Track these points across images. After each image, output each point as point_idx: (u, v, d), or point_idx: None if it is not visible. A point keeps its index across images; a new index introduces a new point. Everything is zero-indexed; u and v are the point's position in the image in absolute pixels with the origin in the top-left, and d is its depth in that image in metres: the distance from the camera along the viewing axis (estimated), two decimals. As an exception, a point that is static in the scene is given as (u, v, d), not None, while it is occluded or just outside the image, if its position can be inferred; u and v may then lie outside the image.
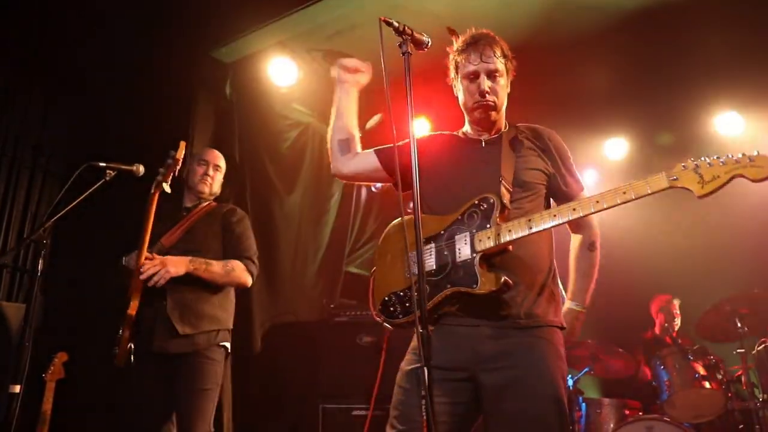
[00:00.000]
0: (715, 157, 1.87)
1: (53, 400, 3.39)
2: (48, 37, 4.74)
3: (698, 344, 4.79)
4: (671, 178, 1.89)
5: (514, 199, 2.22)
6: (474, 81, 2.33)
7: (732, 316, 4.51)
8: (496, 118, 2.39)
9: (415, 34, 2.04)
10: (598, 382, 5.82)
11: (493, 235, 2.08)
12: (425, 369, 1.66)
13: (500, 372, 2.06)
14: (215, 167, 3.61)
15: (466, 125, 2.48)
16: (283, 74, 5.19)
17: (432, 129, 5.64)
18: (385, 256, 2.36)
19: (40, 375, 3.37)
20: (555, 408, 2.04)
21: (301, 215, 5.73)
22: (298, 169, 5.75)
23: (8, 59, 4.57)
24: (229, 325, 3.39)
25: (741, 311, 4.51)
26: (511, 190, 2.22)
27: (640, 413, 4.64)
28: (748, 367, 4.42)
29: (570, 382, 4.59)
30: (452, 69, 2.44)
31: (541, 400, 2.04)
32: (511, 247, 2.10)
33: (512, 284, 2.04)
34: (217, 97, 5.19)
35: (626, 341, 5.19)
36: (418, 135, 2.31)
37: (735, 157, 1.84)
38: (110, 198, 3.39)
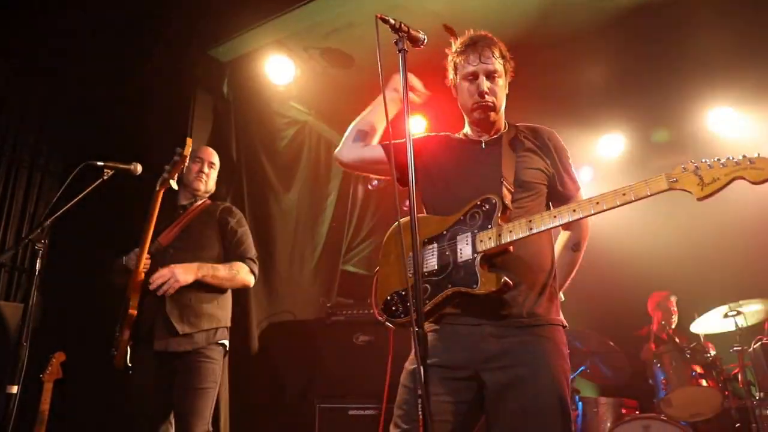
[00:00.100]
0: (716, 159, 1.86)
1: (51, 400, 3.40)
2: (46, 37, 4.73)
3: (695, 342, 4.79)
4: (671, 180, 1.88)
5: (515, 199, 2.22)
6: (473, 82, 2.33)
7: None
8: (496, 119, 2.39)
9: (411, 32, 2.04)
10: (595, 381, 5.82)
11: (494, 235, 2.08)
12: (421, 368, 1.67)
13: (503, 371, 2.06)
14: (210, 164, 3.61)
15: (466, 126, 2.49)
16: (281, 72, 5.19)
17: (428, 126, 5.64)
18: (388, 256, 2.36)
19: (37, 375, 3.38)
20: (558, 406, 2.04)
21: (298, 213, 5.74)
22: (296, 167, 5.76)
23: (7, 59, 4.56)
24: (228, 323, 3.39)
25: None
26: (513, 191, 2.23)
27: (637, 412, 4.66)
28: (745, 365, 4.41)
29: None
30: (451, 70, 2.44)
31: (544, 399, 2.04)
32: (512, 248, 2.11)
33: (512, 285, 2.05)
34: (215, 96, 5.19)
35: (623, 338, 5.20)
36: (417, 133, 2.31)
37: (735, 159, 1.83)
38: (108, 197, 3.39)
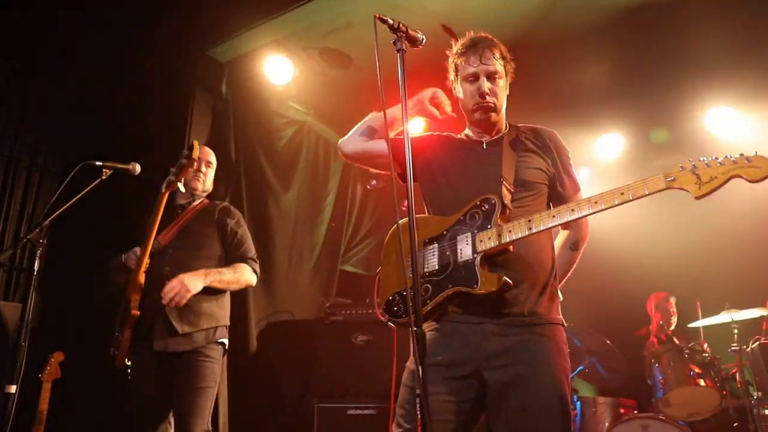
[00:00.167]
0: (713, 157, 1.86)
1: (49, 400, 3.40)
2: (45, 37, 4.73)
3: (693, 342, 4.79)
4: (668, 179, 1.89)
5: (515, 198, 2.23)
6: (474, 83, 2.35)
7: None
8: (496, 120, 2.41)
9: (410, 31, 2.04)
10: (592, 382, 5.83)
11: (494, 235, 2.09)
12: (419, 368, 1.68)
13: (504, 369, 2.07)
14: (207, 163, 3.61)
15: (467, 128, 2.50)
16: (279, 72, 5.19)
17: (427, 126, 5.63)
18: (390, 257, 2.38)
19: (36, 375, 3.38)
20: (558, 405, 2.05)
21: (297, 213, 5.74)
22: (294, 167, 5.76)
23: (5, 58, 4.55)
24: (227, 322, 3.40)
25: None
26: (513, 190, 2.24)
27: (635, 411, 4.65)
28: (743, 364, 4.42)
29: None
30: (452, 72, 2.45)
31: (545, 397, 2.05)
32: (511, 248, 2.12)
33: (512, 284, 2.06)
34: (213, 96, 5.19)
35: (622, 338, 5.21)
36: (419, 132, 2.32)
37: (733, 158, 1.83)
38: (107, 197, 3.39)
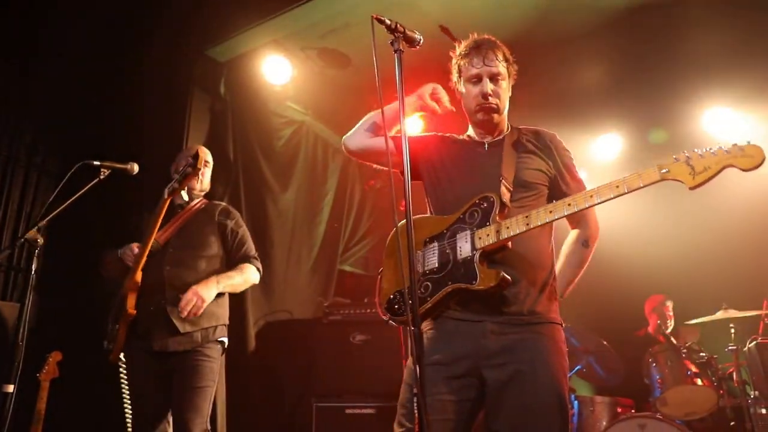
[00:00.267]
0: (707, 148, 1.87)
1: (47, 400, 3.40)
2: (42, 36, 4.72)
3: (690, 342, 4.80)
4: (663, 171, 1.90)
5: (515, 198, 2.25)
6: (477, 84, 2.37)
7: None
8: (499, 121, 2.43)
9: (407, 32, 2.05)
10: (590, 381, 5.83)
11: (492, 232, 2.11)
12: (417, 366, 1.68)
13: (503, 368, 2.09)
14: (204, 163, 3.61)
15: (470, 129, 2.52)
16: (278, 72, 5.19)
17: (424, 127, 5.63)
18: (391, 257, 2.39)
19: (34, 374, 3.38)
20: (557, 403, 2.07)
21: (295, 213, 5.74)
22: (292, 167, 5.76)
23: (3, 58, 4.55)
24: (226, 320, 3.41)
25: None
26: (512, 189, 2.26)
27: (633, 411, 4.66)
28: (740, 364, 4.43)
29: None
30: (455, 73, 2.47)
31: (543, 396, 2.06)
32: (510, 244, 2.14)
33: (511, 281, 2.07)
34: (212, 96, 5.19)
35: (619, 339, 5.22)
36: (419, 131, 2.33)
37: (725, 148, 1.84)
38: (105, 197, 3.39)
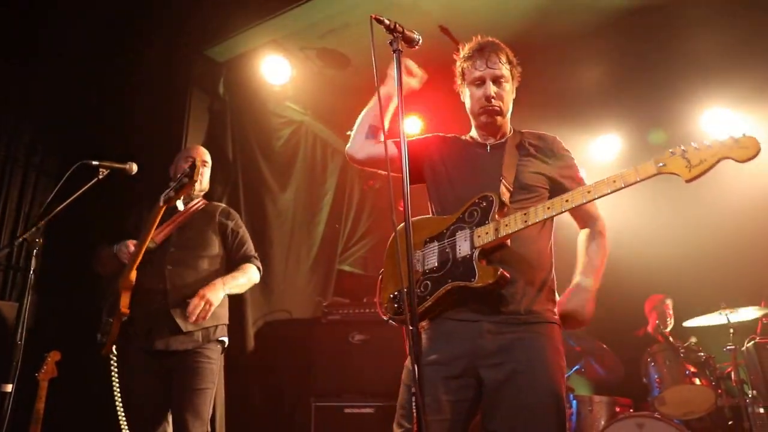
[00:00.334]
0: (703, 141, 1.88)
1: (46, 399, 3.40)
2: (41, 36, 4.72)
3: (689, 341, 4.81)
4: (659, 165, 1.91)
5: (514, 199, 2.26)
6: (480, 87, 2.39)
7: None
8: (502, 123, 2.44)
9: (406, 32, 2.06)
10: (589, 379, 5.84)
11: (491, 230, 2.12)
12: (415, 366, 1.69)
13: (500, 367, 2.09)
14: (203, 162, 3.61)
15: (473, 130, 2.54)
16: (277, 72, 5.19)
17: (424, 127, 5.63)
18: (392, 257, 2.41)
19: (32, 374, 3.38)
20: (554, 403, 2.07)
21: (295, 213, 5.74)
22: (292, 167, 5.76)
23: (3, 58, 4.55)
24: (226, 320, 3.42)
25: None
26: (512, 190, 2.27)
27: (631, 410, 4.66)
28: (738, 363, 4.44)
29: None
30: (459, 76, 2.49)
31: (540, 396, 2.06)
32: (509, 242, 2.15)
33: (509, 278, 2.08)
34: (211, 96, 5.19)
35: (618, 339, 5.22)
36: (418, 132, 2.33)
37: (721, 140, 1.85)
38: (104, 196, 3.39)
